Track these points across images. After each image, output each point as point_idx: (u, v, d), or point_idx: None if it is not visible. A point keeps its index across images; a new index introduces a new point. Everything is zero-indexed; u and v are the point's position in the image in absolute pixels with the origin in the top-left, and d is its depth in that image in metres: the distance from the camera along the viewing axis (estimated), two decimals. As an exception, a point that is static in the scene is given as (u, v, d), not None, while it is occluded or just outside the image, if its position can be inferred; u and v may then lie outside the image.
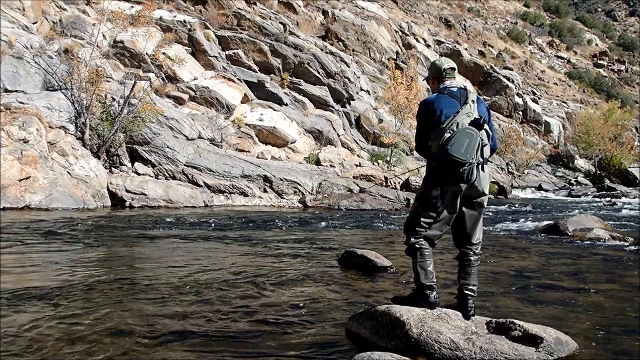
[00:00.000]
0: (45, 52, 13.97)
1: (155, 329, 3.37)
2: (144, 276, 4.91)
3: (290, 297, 4.26)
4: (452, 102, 3.23)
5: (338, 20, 26.08)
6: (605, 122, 28.52)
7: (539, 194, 22.26)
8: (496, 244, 7.74)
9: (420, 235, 3.33)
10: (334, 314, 3.80)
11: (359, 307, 3.83)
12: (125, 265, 5.52)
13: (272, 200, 13.95)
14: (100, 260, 5.88)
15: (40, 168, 11.14)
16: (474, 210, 3.34)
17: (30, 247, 6.41)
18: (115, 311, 3.72)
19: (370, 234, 8.94)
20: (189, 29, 18.89)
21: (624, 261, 6.49)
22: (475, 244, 3.39)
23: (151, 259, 6.15)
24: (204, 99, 17.24)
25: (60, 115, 12.74)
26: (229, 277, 4.94)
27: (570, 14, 55.47)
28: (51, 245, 6.57)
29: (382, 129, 20.70)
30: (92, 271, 5.11)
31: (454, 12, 40.39)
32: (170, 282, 4.69)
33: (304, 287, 4.63)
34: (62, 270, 5.05)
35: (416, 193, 3.42)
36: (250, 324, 3.54)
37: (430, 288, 3.27)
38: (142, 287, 4.47)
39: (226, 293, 4.34)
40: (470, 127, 3.13)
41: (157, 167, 13.54)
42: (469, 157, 3.09)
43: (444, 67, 3.41)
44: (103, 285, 4.49)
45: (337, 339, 3.28)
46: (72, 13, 17.25)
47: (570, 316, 3.91)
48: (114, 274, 4.96)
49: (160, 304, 3.94)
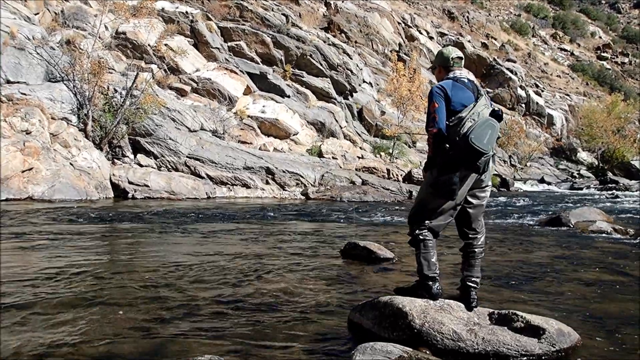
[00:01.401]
0: (47, 44, 13.95)
1: (160, 321, 3.39)
2: (145, 268, 4.93)
3: (292, 288, 4.27)
4: (466, 91, 3.21)
5: (341, 12, 25.96)
6: (608, 115, 28.42)
7: (542, 187, 22.24)
8: (499, 237, 7.74)
9: (424, 227, 3.32)
10: (336, 305, 3.81)
11: (361, 298, 3.84)
12: (124, 257, 5.54)
13: (275, 192, 13.96)
14: (96, 254, 5.90)
15: (43, 159, 11.15)
16: (478, 201, 3.33)
17: (28, 239, 6.43)
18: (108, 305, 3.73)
19: (372, 226, 8.95)
20: (191, 21, 18.83)
21: (626, 254, 6.49)
22: (479, 236, 3.39)
23: (153, 251, 6.17)
24: (206, 91, 17.21)
25: (62, 106, 12.74)
26: (230, 269, 4.95)
27: (574, 6, 55.10)
28: (49, 238, 6.59)
29: (385, 121, 20.66)
30: (81, 262, 5.13)
31: (457, 4, 40.15)
32: (170, 276, 4.71)
33: (306, 279, 4.64)
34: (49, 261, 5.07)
35: (427, 180, 3.34)
36: (252, 315, 3.55)
37: (433, 279, 3.27)
38: (140, 278, 4.48)
39: (227, 285, 4.35)
40: (492, 118, 3.11)
41: (160, 159, 13.55)
42: (490, 148, 3.08)
43: (452, 56, 3.37)
44: (89, 280, 4.50)
45: (339, 330, 3.29)
46: (74, 4, 17.21)
47: (573, 308, 3.92)
48: (111, 268, 4.97)
49: (161, 300, 3.96)
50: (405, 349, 2.68)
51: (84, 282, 4.26)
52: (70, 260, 5.08)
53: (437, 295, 3.22)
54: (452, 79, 3.28)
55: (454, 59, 3.36)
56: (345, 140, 19.10)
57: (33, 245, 5.95)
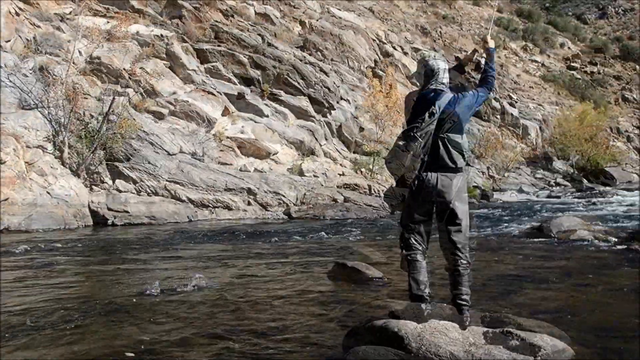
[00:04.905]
0: (20, 71, 13.72)
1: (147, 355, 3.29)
2: (125, 299, 4.81)
3: (283, 314, 4.20)
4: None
5: (316, 30, 26.17)
6: (580, 123, 29.03)
7: (521, 197, 22.51)
8: (483, 249, 7.78)
9: (411, 248, 3.35)
10: (328, 330, 3.76)
11: (353, 321, 3.79)
12: (102, 287, 5.41)
13: (257, 213, 13.86)
14: (72, 284, 5.75)
15: (19, 189, 10.90)
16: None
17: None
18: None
19: (357, 243, 8.92)
20: (166, 43, 18.76)
21: (609, 261, 6.59)
22: (462, 250, 3.42)
23: (133, 279, 6.03)
24: (184, 113, 17.09)
25: (37, 134, 12.51)
26: (213, 295, 4.86)
27: (542, 18, 56.52)
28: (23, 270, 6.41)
29: (364, 137, 20.77)
30: (60, 294, 4.99)
31: (429, 20, 40.87)
32: (152, 305, 4.60)
33: (295, 304, 4.58)
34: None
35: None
36: (239, 345, 3.47)
37: (422, 299, 3.28)
38: (122, 309, 4.37)
39: (213, 311, 4.26)
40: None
41: (139, 184, 13.36)
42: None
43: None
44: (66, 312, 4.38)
45: (334, 357, 3.24)
46: (47, 30, 17.00)
47: (563, 320, 3.93)
48: (90, 299, 4.85)
49: (143, 330, 3.86)
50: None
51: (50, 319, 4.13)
52: (38, 299, 4.93)
53: (427, 317, 3.21)
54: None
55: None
56: (325, 157, 19.12)
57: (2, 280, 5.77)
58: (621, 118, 37.64)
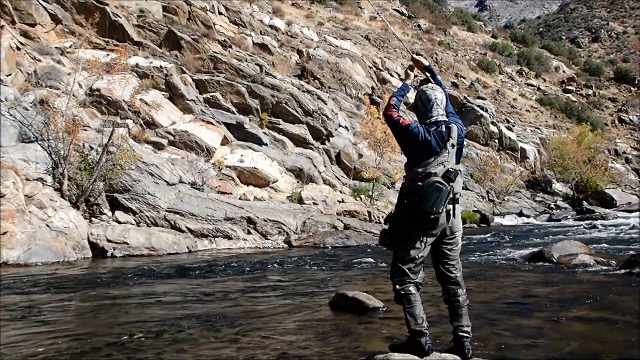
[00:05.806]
0: (21, 104, 13.85)
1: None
2: (115, 337, 4.76)
3: (286, 348, 4.15)
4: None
5: (313, 59, 26.52)
6: (578, 145, 29.19)
7: (521, 220, 22.48)
8: (483, 275, 7.73)
9: (403, 282, 3.33)
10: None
11: (357, 356, 3.75)
12: (105, 325, 5.36)
13: (257, 242, 13.80)
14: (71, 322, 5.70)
15: (18, 222, 10.87)
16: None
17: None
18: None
19: (358, 272, 8.87)
20: (165, 75, 18.98)
21: (611, 287, 6.54)
22: (460, 281, 3.41)
23: (127, 317, 5.98)
24: (183, 143, 17.19)
25: (37, 167, 12.54)
26: (215, 326, 4.81)
27: (537, 43, 57.36)
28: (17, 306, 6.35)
29: (363, 163, 20.85)
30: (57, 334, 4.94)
31: (425, 46, 41.44)
32: (152, 335, 4.55)
33: (297, 335, 4.53)
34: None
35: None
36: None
37: (421, 334, 3.25)
38: (122, 342, 4.32)
39: (214, 343, 4.22)
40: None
41: (139, 215, 13.34)
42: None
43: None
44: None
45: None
46: (47, 64, 17.23)
47: (564, 346, 3.89)
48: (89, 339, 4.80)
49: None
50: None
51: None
52: (34, 340, 4.88)
53: (428, 351, 3.18)
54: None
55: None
56: (324, 185, 19.16)
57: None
58: (618, 140, 37.92)
